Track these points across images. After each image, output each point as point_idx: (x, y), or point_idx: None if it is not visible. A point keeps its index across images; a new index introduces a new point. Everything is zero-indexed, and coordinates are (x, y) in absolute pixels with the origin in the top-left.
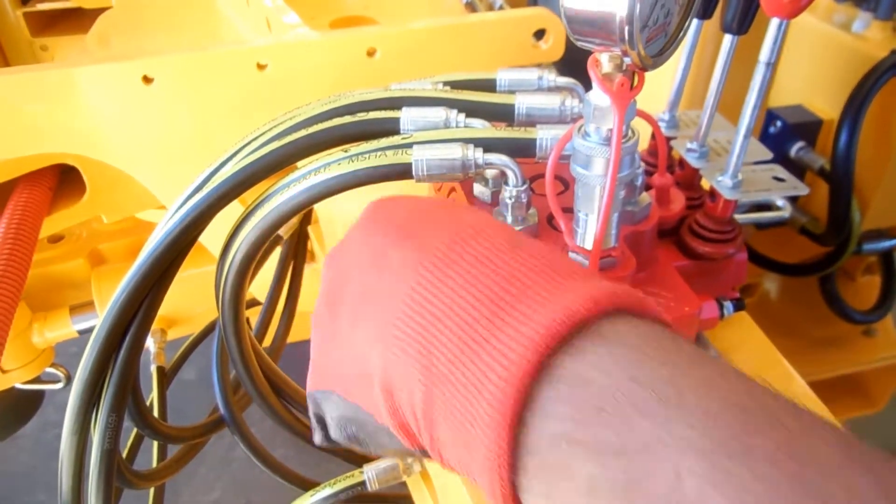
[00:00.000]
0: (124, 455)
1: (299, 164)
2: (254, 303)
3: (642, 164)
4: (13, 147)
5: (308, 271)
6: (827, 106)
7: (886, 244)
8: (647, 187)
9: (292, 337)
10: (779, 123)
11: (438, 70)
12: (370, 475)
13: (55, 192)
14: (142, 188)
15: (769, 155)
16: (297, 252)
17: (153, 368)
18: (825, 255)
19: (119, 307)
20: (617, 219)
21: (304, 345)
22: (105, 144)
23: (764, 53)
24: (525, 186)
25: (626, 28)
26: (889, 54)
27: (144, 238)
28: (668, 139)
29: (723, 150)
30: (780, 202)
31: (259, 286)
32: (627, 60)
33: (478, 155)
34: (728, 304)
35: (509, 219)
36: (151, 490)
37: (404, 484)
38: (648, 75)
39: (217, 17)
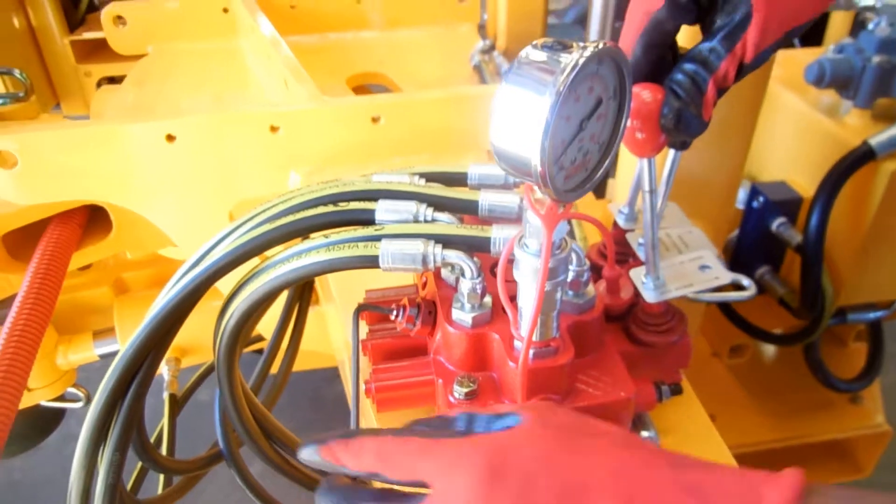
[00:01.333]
0: (132, 481)
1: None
2: (259, 338)
3: (587, 262)
4: (46, 194)
5: (312, 313)
6: (807, 184)
7: (872, 315)
8: (598, 277)
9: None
10: (761, 199)
11: (437, 135)
12: None
13: (84, 228)
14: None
15: (709, 246)
16: (303, 295)
17: (165, 396)
18: (804, 326)
19: (124, 364)
20: (556, 314)
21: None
22: (130, 193)
23: (644, 183)
24: (480, 279)
25: (540, 170)
26: (861, 144)
27: (165, 269)
28: (626, 231)
29: (672, 245)
30: (745, 282)
31: (266, 322)
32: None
33: (437, 251)
34: (665, 389)
35: (466, 307)
36: None
37: None
38: (629, 159)
39: (243, 69)
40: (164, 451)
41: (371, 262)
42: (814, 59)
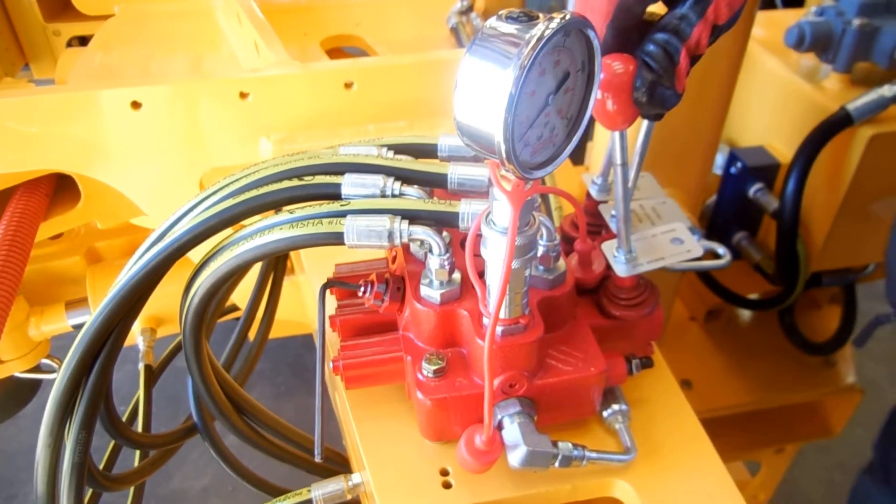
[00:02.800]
0: (106, 457)
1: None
2: (234, 308)
3: (558, 237)
4: (10, 163)
5: (287, 282)
6: (786, 149)
7: (846, 279)
8: (570, 251)
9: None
10: (739, 164)
11: (411, 100)
12: (316, 494)
13: (52, 197)
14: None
15: (682, 218)
16: (277, 265)
17: (141, 367)
18: (779, 292)
19: (88, 340)
20: (526, 291)
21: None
22: (95, 162)
23: (616, 156)
24: (448, 255)
25: (504, 148)
26: (838, 110)
27: (139, 238)
28: (599, 202)
29: (646, 216)
30: (720, 250)
31: (241, 291)
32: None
33: (403, 227)
34: (636, 363)
35: (434, 283)
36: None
37: None
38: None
39: (215, 31)
40: (139, 423)
41: (336, 239)
42: (794, 22)
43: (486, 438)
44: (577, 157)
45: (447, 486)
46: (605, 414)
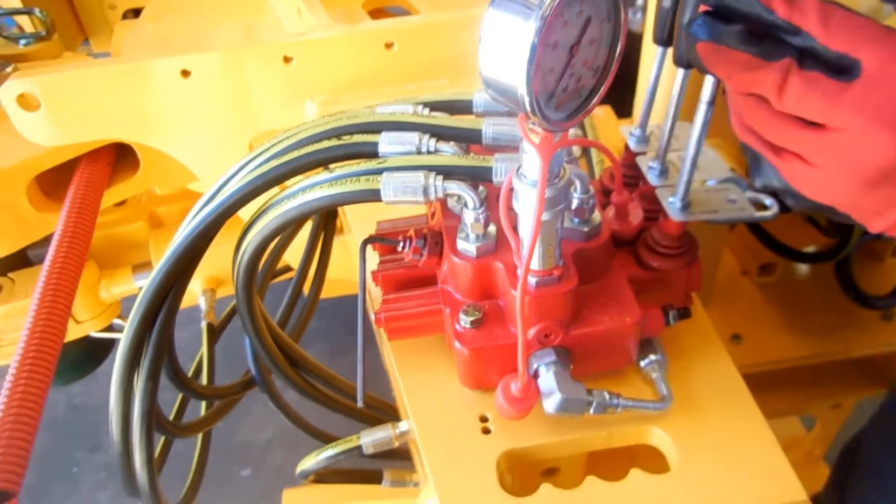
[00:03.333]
0: (176, 407)
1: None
2: (287, 269)
3: (592, 189)
4: (69, 135)
5: (336, 242)
6: None
7: None
8: (606, 204)
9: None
10: None
11: (451, 57)
12: (366, 440)
13: (114, 166)
14: None
15: (726, 172)
16: (327, 224)
17: (203, 325)
18: (833, 244)
19: (149, 297)
20: (558, 243)
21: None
22: (150, 131)
23: (705, 93)
24: (482, 209)
25: (527, 100)
26: None
27: (196, 202)
28: (637, 154)
29: None
30: (767, 201)
31: (294, 251)
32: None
33: (438, 183)
34: (673, 313)
35: (471, 237)
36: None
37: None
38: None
39: None
40: (204, 377)
41: (373, 196)
42: None
43: (522, 386)
44: (625, 110)
45: (486, 431)
46: (642, 363)
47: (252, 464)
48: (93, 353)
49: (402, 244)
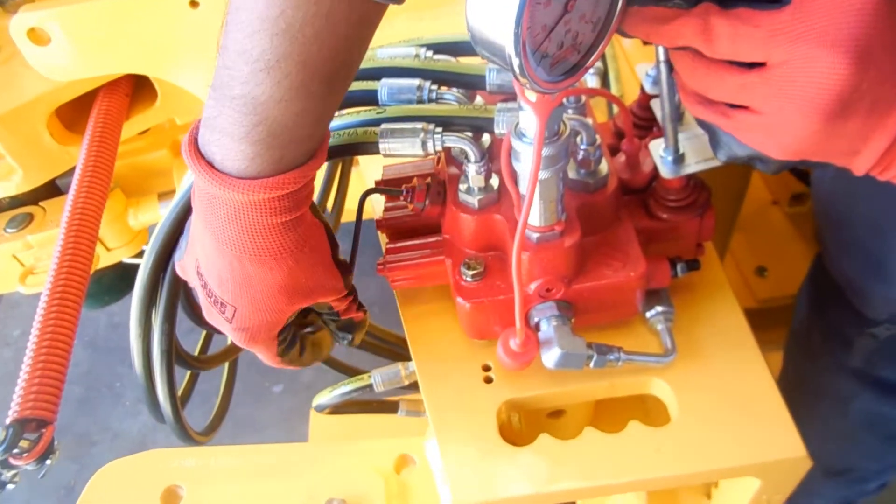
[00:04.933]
0: (202, 340)
1: None
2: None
3: (598, 138)
4: (86, 68)
5: (354, 173)
6: None
7: None
8: (616, 150)
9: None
10: None
11: None
12: (377, 379)
13: (132, 97)
14: None
15: None
16: (344, 160)
17: None
18: None
19: (161, 240)
20: (560, 198)
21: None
22: (161, 63)
23: (659, 51)
24: (484, 161)
25: (516, 62)
26: None
27: None
28: (652, 97)
29: None
30: None
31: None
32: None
33: (437, 137)
34: (681, 266)
35: (473, 189)
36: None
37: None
38: None
39: None
40: None
41: (371, 149)
42: None
43: (520, 342)
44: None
45: (488, 381)
46: (648, 314)
47: (284, 381)
48: (126, 276)
49: (404, 193)
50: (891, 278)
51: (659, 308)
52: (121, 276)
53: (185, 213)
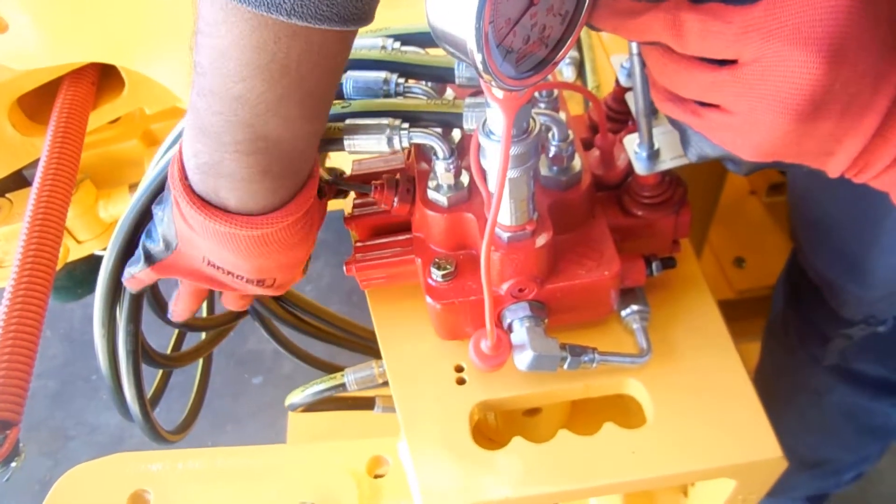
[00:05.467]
0: (174, 339)
1: None
2: None
3: (571, 134)
4: (42, 57)
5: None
6: None
7: None
8: (592, 144)
9: None
10: None
11: None
12: (350, 378)
13: (99, 86)
14: None
15: None
16: None
17: None
18: None
19: (122, 236)
20: (531, 197)
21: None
22: (126, 52)
23: (632, 45)
24: (452, 158)
25: (479, 58)
26: None
27: None
28: (627, 89)
29: None
30: None
31: None
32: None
33: (403, 133)
34: (656, 264)
35: (442, 187)
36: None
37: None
38: None
39: None
40: (203, 307)
41: (335, 145)
42: None
43: (491, 344)
44: None
45: (461, 382)
46: (623, 314)
47: (263, 372)
48: (97, 270)
49: (372, 191)
50: (866, 280)
51: (634, 307)
52: (93, 269)
53: (147, 206)
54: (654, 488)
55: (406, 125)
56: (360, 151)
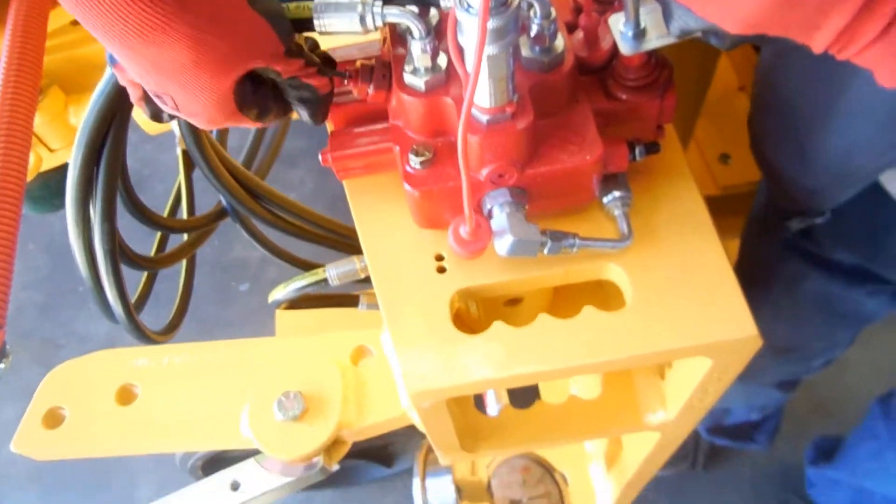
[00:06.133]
0: (156, 242)
1: None
2: None
3: (553, 12)
4: None
5: None
6: None
7: None
8: (575, 27)
9: None
10: None
11: None
12: (331, 273)
13: None
14: None
15: None
16: None
17: (178, 152)
18: None
19: (87, 133)
20: (510, 77)
21: None
22: None
23: None
24: (429, 38)
25: None
26: None
27: None
28: None
29: None
30: None
31: None
32: None
33: (377, 9)
34: (640, 149)
35: (419, 70)
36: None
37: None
38: None
39: None
40: (184, 208)
41: (304, 25)
42: None
43: (470, 229)
44: None
45: (441, 270)
46: (604, 200)
47: (249, 279)
48: None
49: (347, 77)
50: (808, 166)
51: (616, 193)
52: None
53: (109, 103)
54: (632, 367)
55: (379, 2)
56: (331, 32)
